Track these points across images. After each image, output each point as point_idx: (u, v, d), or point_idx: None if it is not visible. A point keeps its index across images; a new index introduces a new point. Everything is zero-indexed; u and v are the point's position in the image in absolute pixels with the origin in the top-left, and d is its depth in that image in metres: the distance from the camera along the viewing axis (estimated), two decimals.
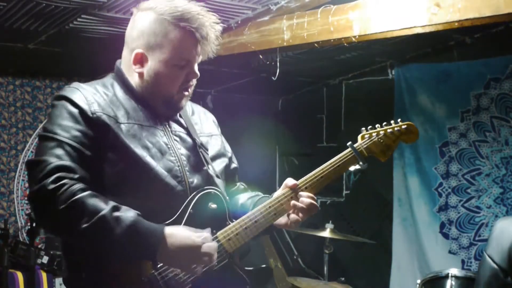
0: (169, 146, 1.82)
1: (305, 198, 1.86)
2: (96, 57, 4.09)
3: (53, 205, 1.59)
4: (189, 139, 1.90)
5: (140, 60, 1.83)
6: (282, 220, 1.89)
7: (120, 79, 1.87)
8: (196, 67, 1.85)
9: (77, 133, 1.68)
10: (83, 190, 1.62)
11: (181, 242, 1.64)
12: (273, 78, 3.67)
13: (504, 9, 2.51)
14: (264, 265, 4.37)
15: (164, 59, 1.80)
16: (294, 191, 1.88)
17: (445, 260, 4.35)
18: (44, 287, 3.85)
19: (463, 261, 4.36)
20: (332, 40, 3.15)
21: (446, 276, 3.31)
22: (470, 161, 4.37)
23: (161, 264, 1.69)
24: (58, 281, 3.89)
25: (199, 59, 1.87)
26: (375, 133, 2.03)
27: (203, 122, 2.03)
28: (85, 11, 3.14)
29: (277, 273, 4.76)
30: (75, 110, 1.71)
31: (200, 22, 1.80)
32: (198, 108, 2.08)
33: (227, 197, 1.89)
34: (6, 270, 3.66)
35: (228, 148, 2.09)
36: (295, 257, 5.14)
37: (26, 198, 4.51)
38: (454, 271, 3.31)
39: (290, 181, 1.89)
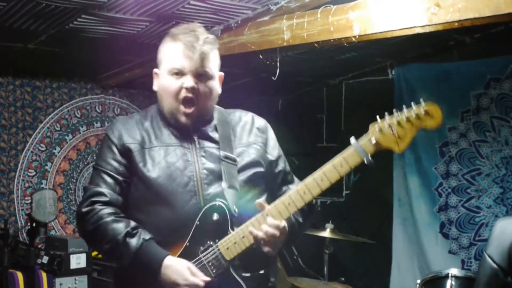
0: (191, 162, 1.98)
1: (265, 226, 1.88)
2: (96, 57, 4.10)
3: (85, 225, 1.96)
4: (217, 153, 2.01)
5: (156, 76, 2.07)
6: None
7: (158, 107, 2.08)
8: (192, 79, 1.95)
9: (113, 162, 1.99)
10: (109, 214, 1.93)
11: (172, 277, 1.87)
12: (273, 78, 3.67)
13: (504, 9, 2.51)
14: (262, 271, 4.34)
15: (163, 71, 2.01)
16: (262, 215, 1.90)
17: (445, 260, 4.35)
18: (44, 287, 3.85)
19: (463, 261, 4.36)
20: (332, 40, 3.15)
21: (446, 276, 3.30)
22: (470, 161, 4.37)
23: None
24: (58, 281, 3.89)
25: (195, 70, 1.96)
26: (388, 125, 1.84)
27: (244, 132, 2.10)
28: (85, 11, 3.14)
29: (277, 273, 4.76)
30: (111, 144, 2.02)
31: (194, 36, 1.97)
32: (247, 117, 2.17)
33: (234, 207, 1.94)
34: (6, 270, 3.66)
35: (273, 152, 2.16)
36: (295, 257, 5.13)
37: (26, 198, 4.51)
38: (454, 271, 3.31)
39: (259, 203, 1.91)
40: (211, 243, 1.92)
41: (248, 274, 1.96)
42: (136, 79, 4.52)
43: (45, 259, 3.80)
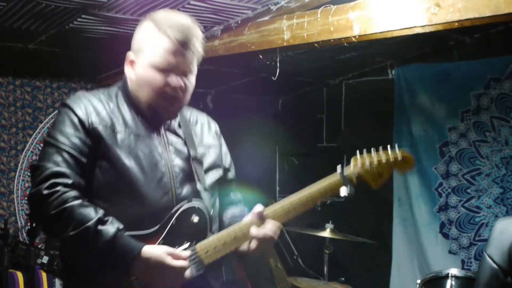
0: (162, 156, 1.89)
1: (266, 228, 1.86)
2: (96, 57, 4.10)
3: (45, 209, 1.73)
4: (184, 151, 1.94)
5: (131, 63, 1.91)
6: (245, 246, 1.90)
7: (124, 91, 1.94)
8: (179, 78, 1.86)
9: (76, 141, 1.80)
10: (75, 198, 1.75)
11: (153, 264, 1.74)
12: (273, 78, 3.67)
13: (504, 9, 2.51)
14: (224, 279, 4.31)
15: (145, 62, 1.87)
16: (260, 218, 1.87)
17: (445, 260, 4.35)
18: (44, 287, 3.85)
19: (463, 261, 4.36)
20: (332, 40, 3.15)
21: (446, 276, 3.30)
22: (470, 161, 4.37)
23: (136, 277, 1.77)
24: (58, 281, 3.89)
25: (183, 69, 1.87)
26: (369, 162, 1.92)
27: (204, 133, 2.05)
28: (85, 11, 3.14)
29: (277, 273, 4.76)
30: (75, 119, 1.82)
31: (186, 33, 1.85)
32: (202, 118, 2.10)
33: (212, 210, 1.92)
34: (6, 270, 3.66)
35: (226, 159, 2.11)
36: (295, 257, 5.13)
37: (26, 198, 4.51)
38: (454, 271, 3.31)
39: (257, 208, 1.88)
40: (188, 244, 1.83)
41: (228, 279, 1.95)
42: None
43: (45, 259, 3.79)
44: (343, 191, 1.89)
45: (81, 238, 1.72)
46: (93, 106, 1.86)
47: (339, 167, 1.92)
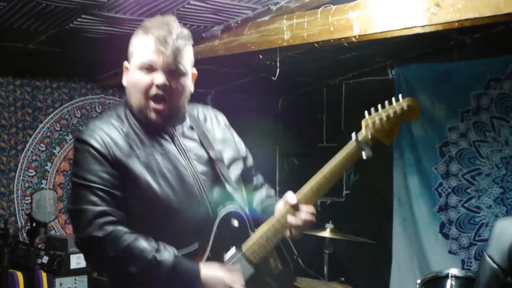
0: (186, 167, 1.87)
1: (303, 214, 1.88)
2: (96, 57, 4.09)
3: (104, 252, 1.73)
4: (204, 154, 1.94)
5: (126, 71, 1.93)
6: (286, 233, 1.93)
7: (128, 106, 1.92)
8: (164, 76, 1.83)
9: (105, 175, 1.78)
10: (128, 233, 1.75)
11: (214, 284, 1.77)
12: (273, 78, 3.67)
13: (504, 9, 2.51)
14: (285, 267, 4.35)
15: (133, 65, 1.88)
16: (295, 208, 1.88)
17: (445, 260, 4.35)
18: (44, 287, 3.85)
19: (463, 261, 4.36)
20: (332, 40, 3.15)
21: (446, 276, 3.30)
22: (470, 161, 4.37)
23: None
24: (58, 281, 3.89)
25: (166, 66, 1.84)
26: (378, 119, 1.95)
27: (215, 128, 2.05)
28: (85, 11, 3.14)
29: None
30: (97, 154, 1.79)
31: (167, 31, 1.84)
32: (209, 113, 2.09)
33: (246, 209, 1.95)
34: (6, 270, 3.66)
35: (241, 147, 2.12)
36: (295, 257, 5.12)
37: (26, 198, 4.51)
38: (454, 271, 3.31)
39: (291, 199, 1.89)
40: (235, 249, 1.86)
41: (273, 273, 1.97)
42: None
43: (45, 259, 3.80)
44: (363, 155, 1.92)
45: (145, 273, 1.73)
46: (110, 137, 1.83)
47: (353, 135, 1.95)
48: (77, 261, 3.98)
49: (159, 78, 1.82)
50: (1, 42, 3.70)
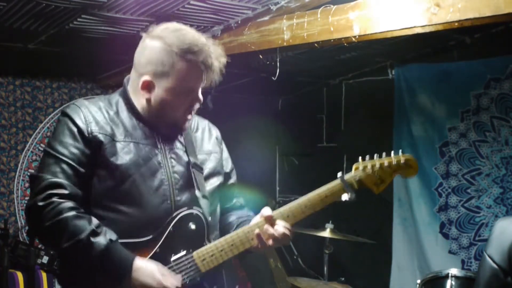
0: (162, 164, 1.90)
1: (280, 227, 1.88)
2: (96, 57, 4.09)
3: (40, 220, 1.75)
4: (185, 158, 1.96)
5: (147, 87, 1.90)
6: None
7: (125, 98, 1.95)
8: (200, 94, 1.92)
9: (75, 150, 1.81)
10: (70, 209, 1.75)
11: (143, 280, 1.76)
12: (273, 78, 3.67)
13: (504, 9, 2.51)
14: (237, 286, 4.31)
15: (170, 88, 1.88)
16: (270, 222, 1.89)
17: (445, 260, 4.35)
18: (44, 287, 3.85)
19: (463, 261, 4.36)
20: (332, 40, 3.15)
21: (446, 276, 3.30)
22: (470, 161, 4.37)
23: None
24: None
25: (204, 85, 1.93)
26: (370, 166, 1.93)
27: (204, 140, 2.07)
28: (85, 11, 3.14)
29: (277, 273, 4.76)
30: (74, 129, 1.83)
31: (206, 54, 1.88)
32: (203, 124, 2.12)
33: (209, 218, 1.93)
34: (6, 270, 3.66)
35: (227, 164, 2.13)
36: (295, 257, 5.13)
37: (26, 198, 4.51)
38: (454, 271, 3.31)
39: (265, 211, 1.91)
40: (185, 252, 1.85)
41: (220, 284, 1.95)
42: None
43: (45, 259, 3.80)
44: (344, 196, 1.92)
45: (74, 250, 1.73)
46: (92, 115, 1.86)
47: (340, 173, 1.93)
48: None
49: (200, 99, 1.92)
50: (1, 42, 3.70)
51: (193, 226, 1.87)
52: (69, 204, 1.76)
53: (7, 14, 3.15)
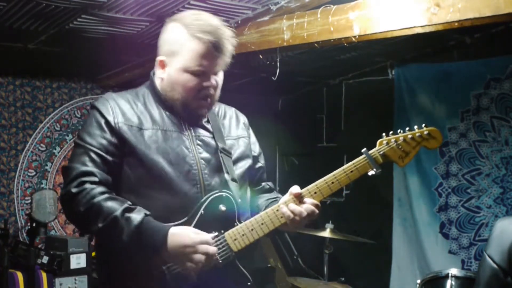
0: (190, 150, 1.95)
1: (308, 204, 1.92)
2: (96, 57, 4.09)
3: (75, 207, 1.83)
4: (212, 143, 2.01)
5: (162, 65, 1.98)
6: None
7: (152, 88, 2.03)
8: (212, 77, 1.95)
9: (102, 141, 1.89)
10: (102, 193, 1.83)
11: (180, 241, 1.80)
12: (273, 78, 3.67)
13: (504, 9, 2.51)
14: (269, 265, 4.37)
15: (180, 66, 1.94)
16: (298, 199, 1.93)
17: (445, 260, 4.35)
18: (44, 287, 3.85)
19: (463, 261, 4.36)
20: (332, 40, 3.15)
21: (446, 276, 3.30)
22: (470, 161, 4.37)
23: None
24: (58, 281, 3.89)
25: (216, 69, 1.97)
26: (394, 140, 1.99)
27: (232, 125, 2.14)
28: (85, 11, 3.14)
29: (277, 273, 4.76)
30: (102, 120, 1.91)
31: (217, 35, 1.92)
32: (230, 112, 2.19)
33: (239, 200, 1.97)
34: (6, 270, 3.66)
35: (255, 148, 2.19)
36: (295, 257, 5.14)
37: (26, 198, 4.51)
38: (454, 271, 3.31)
39: (294, 189, 1.94)
40: (217, 233, 1.89)
41: (253, 267, 1.98)
42: (136, 79, 4.51)
43: (45, 259, 3.80)
44: (370, 172, 1.95)
45: (111, 229, 1.79)
46: (119, 107, 1.94)
47: (364, 149, 1.97)
48: (77, 261, 3.98)
49: (211, 81, 1.95)
50: (1, 42, 3.70)
51: (223, 208, 1.91)
52: (100, 188, 1.84)
53: (7, 14, 3.15)
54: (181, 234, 1.81)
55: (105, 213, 1.80)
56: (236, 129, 2.13)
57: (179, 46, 1.94)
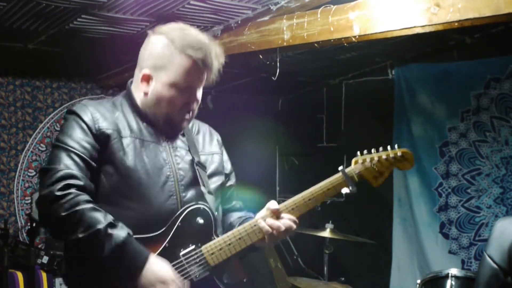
0: (167, 161, 1.93)
1: (286, 219, 1.92)
2: (96, 57, 4.10)
3: (57, 210, 1.74)
4: (188, 156, 1.99)
5: (146, 79, 1.95)
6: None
7: (128, 98, 2.00)
8: (197, 93, 1.95)
9: (86, 145, 1.84)
10: (87, 201, 1.77)
11: (157, 271, 1.77)
12: (273, 78, 3.67)
13: (504, 9, 2.51)
14: (244, 279, 4.31)
15: (166, 82, 1.92)
16: (276, 214, 1.92)
17: (445, 260, 4.35)
18: (44, 287, 3.85)
19: (463, 261, 4.36)
20: (332, 40, 3.15)
21: (446, 276, 3.30)
22: (470, 161, 4.37)
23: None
24: (58, 281, 3.89)
25: (201, 85, 1.96)
26: (369, 159, 2.00)
27: (205, 142, 2.11)
28: (85, 11, 3.14)
29: (277, 273, 4.76)
30: (83, 125, 1.86)
31: (206, 53, 1.91)
32: (204, 128, 2.16)
33: (216, 213, 1.96)
34: (6, 270, 3.66)
35: (227, 166, 2.17)
36: (295, 257, 5.13)
37: (26, 198, 4.51)
38: (454, 271, 3.31)
39: (272, 205, 1.94)
40: (194, 246, 1.87)
41: (229, 282, 1.98)
42: None
43: (45, 259, 3.79)
44: (345, 189, 1.97)
45: (91, 241, 1.73)
46: (99, 113, 1.90)
47: (341, 167, 1.98)
48: None
49: (197, 98, 1.94)
50: (1, 42, 3.70)
51: (201, 221, 1.89)
52: (85, 196, 1.78)
53: (7, 14, 3.15)
54: (161, 267, 1.78)
55: (88, 224, 1.73)
56: (209, 146, 2.11)
57: (167, 61, 1.91)
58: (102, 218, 1.75)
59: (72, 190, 1.76)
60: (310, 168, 5.31)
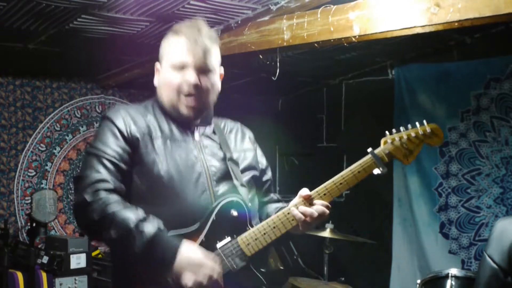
0: (198, 158, 1.98)
1: (318, 205, 1.94)
2: (96, 57, 4.10)
3: (90, 215, 1.83)
4: (219, 153, 2.04)
5: (157, 72, 2.06)
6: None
7: (157, 102, 2.06)
8: (192, 73, 1.95)
9: (117, 148, 1.91)
10: (116, 202, 1.83)
11: (189, 257, 1.81)
12: (273, 78, 3.67)
13: (504, 9, 2.51)
14: (282, 267, 4.37)
15: (166, 65, 2.00)
16: (308, 201, 1.95)
17: (445, 260, 4.35)
18: (44, 287, 3.85)
19: (463, 261, 4.36)
20: (332, 40, 3.15)
21: (446, 276, 3.30)
22: (470, 161, 4.37)
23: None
24: (58, 281, 3.89)
25: (197, 64, 1.96)
26: (398, 138, 2.02)
27: (237, 140, 2.16)
28: (85, 11, 3.14)
29: (277, 273, 4.76)
30: (115, 129, 1.94)
31: (195, 29, 1.97)
32: (236, 127, 2.21)
33: (250, 204, 1.98)
34: (6, 270, 3.66)
35: (263, 161, 2.20)
36: (295, 257, 5.13)
37: (26, 198, 4.51)
38: (454, 271, 3.31)
39: (304, 191, 1.96)
40: (230, 238, 1.91)
41: (266, 270, 1.99)
42: (136, 79, 4.52)
43: (45, 259, 3.80)
44: (376, 170, 1.98)
45: (123, 240, 1.80)
46: (131, 117, 1.97)
47: (370, 148, 2.00)
48: (77, 261, 3.99)
49: (191, 76, 1.95)
50: (1, 42, 3.70)
51: (235, 213, 1.92)
52: (115, 197, 1.84)
53: (7, 14, 3.15)
54: (190, 252, 1.82)
55: (119, 224, 1.80)
56: (241, 143, 2.15)
57: (165, 47, 2.02)
58: (132, 215, 1.81)
59: (102, 194, 1.83)
60: (310, 168, 5.31)
